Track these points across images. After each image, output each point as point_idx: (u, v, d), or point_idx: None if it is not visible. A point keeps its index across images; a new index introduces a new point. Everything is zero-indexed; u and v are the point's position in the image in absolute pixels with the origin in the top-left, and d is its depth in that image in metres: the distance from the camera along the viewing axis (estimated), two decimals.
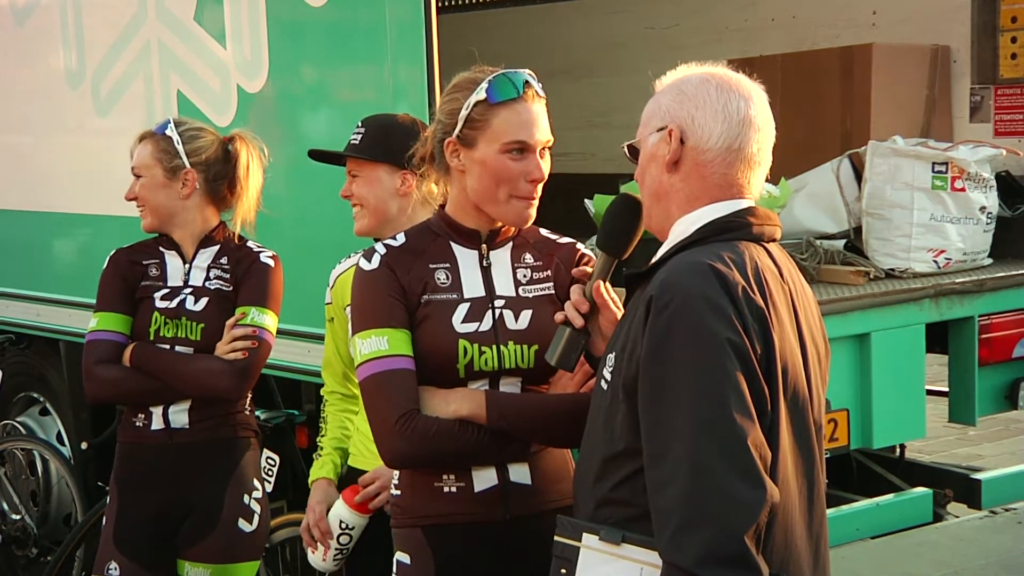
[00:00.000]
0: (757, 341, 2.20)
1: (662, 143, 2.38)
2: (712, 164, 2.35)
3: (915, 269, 5.22)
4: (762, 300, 2.24)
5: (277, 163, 5.22)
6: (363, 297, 2.79)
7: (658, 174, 2.40)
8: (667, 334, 2.19)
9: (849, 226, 5.44)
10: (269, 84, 4.98)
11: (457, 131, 2.76)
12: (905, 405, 5.00)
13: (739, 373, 2.16)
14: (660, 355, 2.20)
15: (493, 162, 2.73)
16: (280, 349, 4.68)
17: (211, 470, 4.02)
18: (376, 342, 2.71)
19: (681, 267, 2.26)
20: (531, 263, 2.88)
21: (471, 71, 2.83)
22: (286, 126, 5.06)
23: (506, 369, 2.77)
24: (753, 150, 2.37)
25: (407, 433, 2.65)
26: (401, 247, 2.83)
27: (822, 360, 2.45)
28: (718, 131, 2.34)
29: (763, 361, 2.21)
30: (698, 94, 2.36)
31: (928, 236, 5.26)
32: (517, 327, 2.79)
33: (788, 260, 2.46)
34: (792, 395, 2.28)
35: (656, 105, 2.43)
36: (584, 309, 2.60)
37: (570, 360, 2.62)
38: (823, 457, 2.42)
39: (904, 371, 4.97)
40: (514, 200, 2.75)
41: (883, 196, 5.30)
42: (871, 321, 4.89)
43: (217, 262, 4.04)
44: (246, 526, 4.05)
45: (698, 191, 2.37)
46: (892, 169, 5.30)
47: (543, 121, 2.77)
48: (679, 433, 2.15)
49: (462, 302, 2.78)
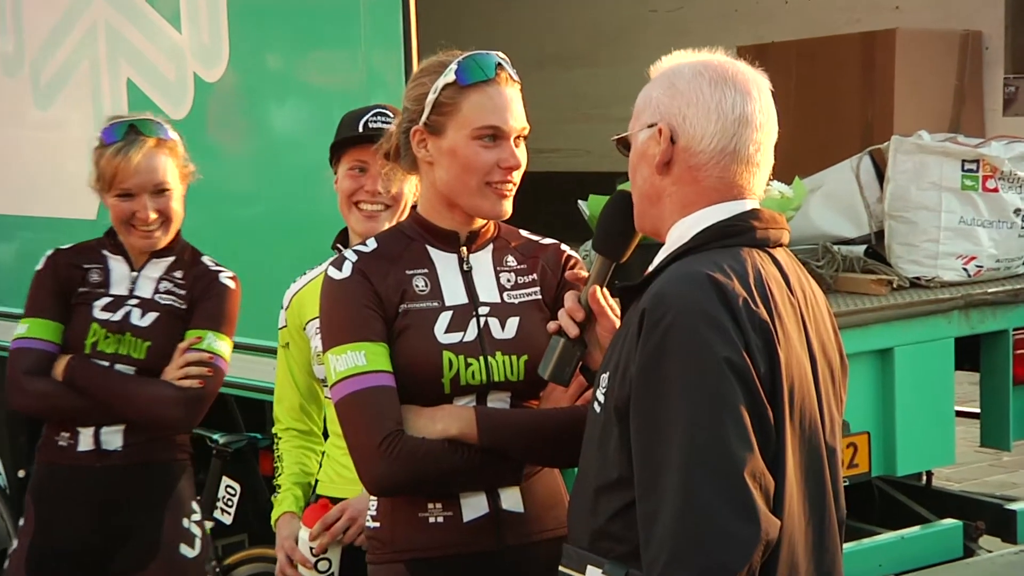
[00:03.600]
0: (760, 359, 2.21)
1: (652, 141, 2.39)
2: (706, 167, 2.36)
3: (943, 278, 5.25)
4: (766, 313, 2.25)
5: (240, 160, 5.24)
6: (335, 309, 2.80)
7: (649, 175, 2.41)
8: (660, 352, 2.20)
9: (870, 230, 5.48)
10: (230, 72, 5.01)
11: (424, 118, 2.79)
12: (932, 428, 5.04)
13: (738, 395, 2.17)
14: (653, 376, 2.21)
15: (463, 150, 2.75)
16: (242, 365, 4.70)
17: (148, 495, 4.04)
18: (352, 358, 2.72)
19: (676, 278, 2.27)
20: (514, 266, 2.91)
21: (439, 54, 2.87)
22: (249, 118, 5.09)
23: (494, 382, 2.80)
24: (750, 151, 2.37)
25: (392, 456, 2.67)
26: (374, 253, 2.84)
27: (837, 378, 2.47)
28: (711, 131, 2.34)
29: (766, 381, 2.22)
30: (690, 89, 2.37)
31: (957, 241, 5.30)
32: (504, 336, 2.82)
33: (798, 267, 2.48)
34: (800, 417, 2.29)
35: (647, 97, 2.44)
36: (579, 318, 2.62)
37: (564, 374, 2.64)
38: (839, 485, 2.44)
39: (931, 390, 5.01)
40: (487, 190, 2.78)
41: (907, 197, 5.34)
42: (894, 335, 4.92)
43: (170, 275, 4.05)
44: (188, 551, 4.08)
45: (692, 195, 2.38)
46: (918, 167, 5.33)
47: (517, 107, 2.80)
48: (670, 462, 2.17)
49: (444, 310, 2.80)
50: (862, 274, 5.22)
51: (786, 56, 6.38)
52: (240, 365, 4.24)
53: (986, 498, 5.81)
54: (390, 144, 2.93)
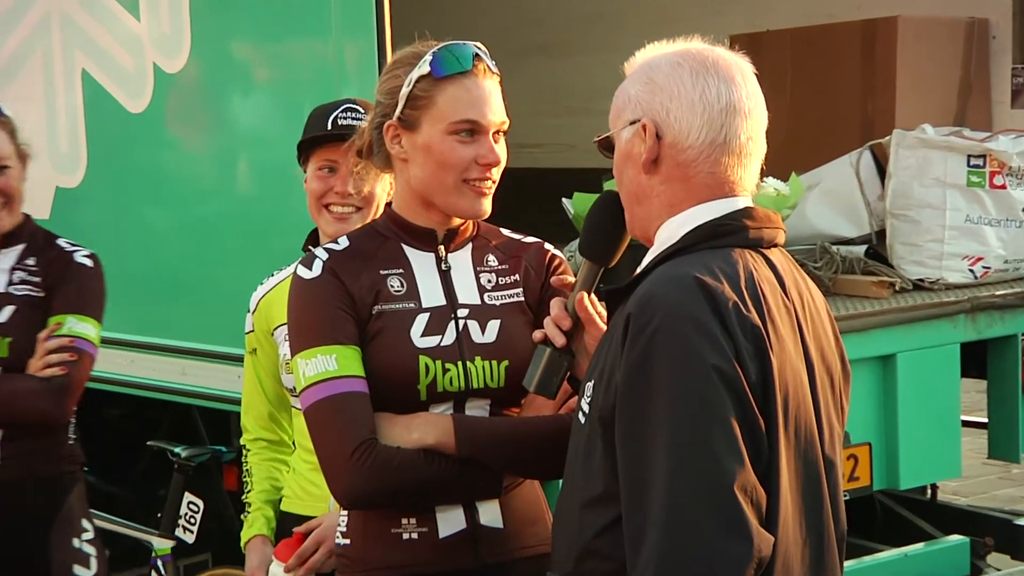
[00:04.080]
0: (751, 366, 2.21)
1: (636, 139, 2.38)
2: (695, 163, 2.35)
3: (948, 279, 5.28)
4: (758, 318, 2.25)
5: (203, 155, 5.24)
6: (305, 310, 2.78)
7: (635, 175, 2.40)
8: (646, 359, 2.20)
9: (871, 229, 5.50)
10: (191, 63, 5.01)
11: (398, 112, 2.79)
12: (937, 439, 5.05)
13: (727, 404, 2.17)
14: (638, 384, 2.21)
15: (439, 145, 2.75)
16: (205, 374, 4.70)
17: (33, 512, 3.95)
18: (323, 362, 2.71)
19: (663, 280, 2.27)
20: (495, 266, 2.90)
21: (414, 45, 2.87)
22: (212, 112, 5.08)
23: (473, 389, 2.78)
24: (741, 141, 2.36)
25: (366, 466, 2.65)
26: (346, 251, 2.83)
27: (837, 385, 2.46)
28: (697, 124, 2.34)
29: (758, 389, 2.21)
30: (670, 82, 2.36)
31: (963, 241, 5.33)
32: (484, 340, 2.80)
33: (794, 269, 2.48)
34: (795, 427, 2.29)
35: (626, 93, 2.43)
36: (566, 326, 2.61)
37: (551, 385, 2.62)
38: (838, 499, 2.44)
39: (936, 399, 5.02)
40: (465, 188, 2.77)
41: (910, 194, 5.36)
42: (896, 340, 4.94)
43: (23, 263, 3.98)
44: (84, 572, 4.02)
45: (682, 193, 2.37)
46: (921, 163, 5.35)
47: (496, 100, 2.79)
48: (656, 475, 2.17)
49: (420, 312, 2.79)
50: (862, 276, 5.23)
51: (782, 45, 6.39)
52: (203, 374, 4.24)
53: (994, 513, 5.83)
54: (363, 141, 2.94)
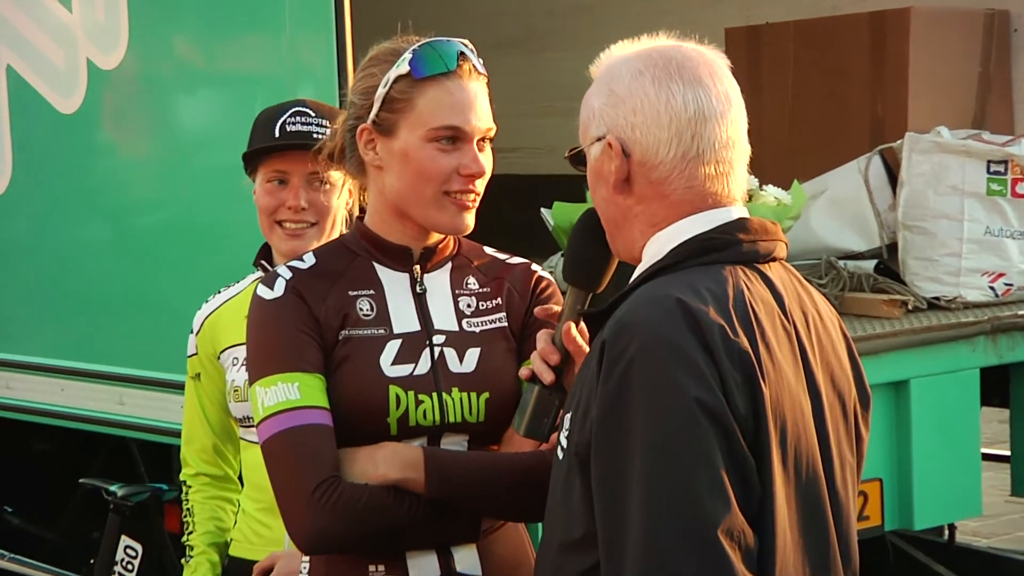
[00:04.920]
0: (739, 397, 2.20)
1: (604, 156, 2.39)
2: (669, 180, 2.36)
3: (966, 298, 5.29)
4: (748, 342, 2.24)
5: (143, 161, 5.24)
6: (265, 334, 2.78)
7: (609, 196, 2.41)
8: (621, 391, 2.20)
9: (881, 242, 5.51)
10: (130, 58, 5.00)
11: (373, 115, 2.79)
12: (955, 474, 5.06)
13: (711, 440, 2.17)
14: (612, 418, 2.20)
15: (417, 153, 2.75)
16: (144, 404, 4.69)
17: None
18: (284, 390, 2.71)
19: (641, 303, 2.27)
20: (476, 289, 2.90)
21: (393, 40, 2.86)
22: (153, 112, 5.08)
23: (449, 423, 2.79)
24: (716, 149, 2.37)
25: (328, 506, 2.64)
26: (311, 270, 2.83)
27: (851, 412, 2.46)
28: (666, 138, 2.34)
29: (747, 423, 2.21)
30: (632, 94, 2.37)
31: (983, 255, 5.35)
32: (462, 370, 2.81)
33: (798, 284, 2.47)
34: (795, 462, 2.29)
35: (589, 107, 2.44)
36: (554, 361, 2.60)
37: (542, 427, 2.61)
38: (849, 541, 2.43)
39: (953, 429, 5.04)
40: (445, 201, 2.77)
41: (925, 204, 5.38)
42: (910, 365, 4.96)
43: None
44: None
45: (661, 213, 2.38)
46: (936, 169, 5.37)
47: (482, 104, 2.80)
48: (633, 519, 2.17)
49: (392, 338, 2.79)
50: (872, 294, 5.25)
51: (782, 39, 6.41)
52: (142, 403, 4.23)
53: (1018, 556, 5.86)
54: (334, 143, 2.94)
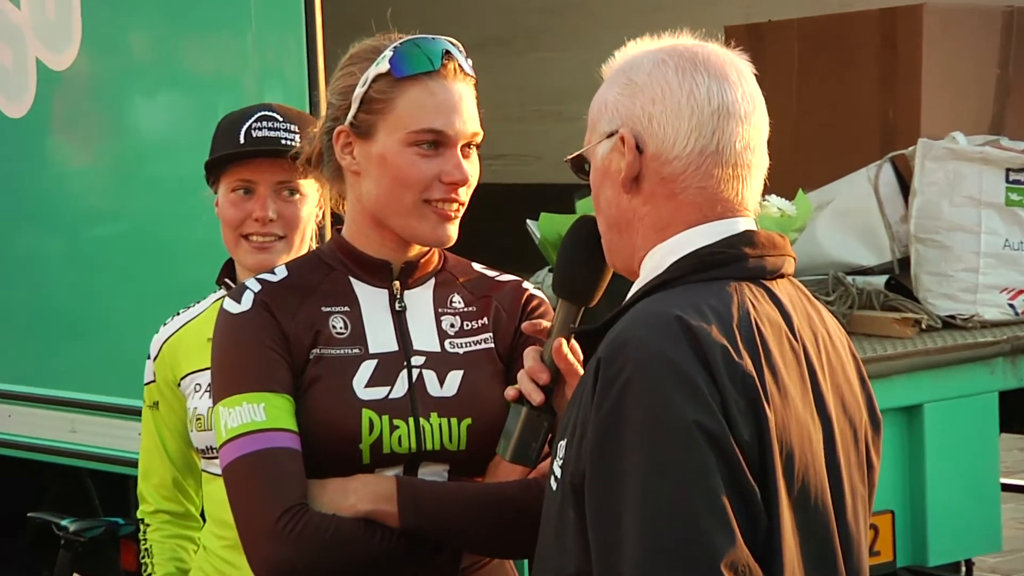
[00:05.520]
0: (742, 423, 2.20)
1: (615, 154, 2.38)
2: (682, 176, 2.35)
3: (984, 316, 5.31)
4: (752, 365, 2.24)
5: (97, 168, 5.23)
6: (230, 351, 2.78)
7: (615, 196, 2.40)
8: (616, 415, 2.19)
9: (892, 256, 5.52)
10: (82, 58, 4.98)
11: (350, 116, 2.79)
12: (972, 505, 5.08)
13: (712, 469, 2.16)
14: (607, 445, 2.20)
15: (396, 158, 2.75)
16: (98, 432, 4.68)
17: None
18: (249, 411, 2.70)
19: (639, 321, 2.26)
20: (461, 308, 2.90)
21: (374, 38, 2.86)
22: (108, 117, 5.07)
23: (427, 452, 2.77)
24: (737, 149, 2.36)
25: (293, 536, 2.63)
26: (282, 283, 2.83)
27: (862, 440, 2.45)
28: (684, 130, 2.34)
29: (751, 449, 2.20)
30: (653, 83, 2.36)
31: (1001, 270, 5.37)
32: (443, 394, 2.79)
33: (807, 303, 2.47)
34: (801, 492, 2.28)
35: (602, 102, 2.43)
36: (544, 380, 2.58)
37: (530, 451, 2.59)
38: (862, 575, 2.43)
39: (970, 458, 5.06)
40: (426, 210, 2.76)
41: (939, 215, 5.39)
42: (923, 388, 4.97)
43: None
44: None
45: (669, 215, 2.37)
46: (951, 178, 5.39)
47: (468, 106, 2.79)
48: (630, 555, 2.16)
49: (367, 359, 2.78)
50: (882, 312, 5.25)
51: (786, 38, 6.42)
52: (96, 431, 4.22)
53: None
54: (312, 148, 2.94)
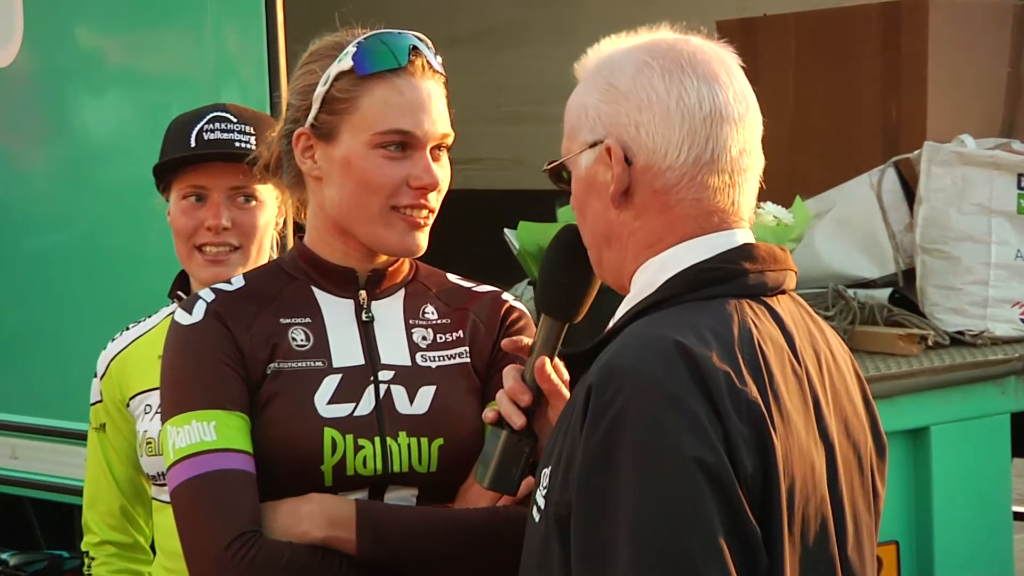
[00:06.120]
0: (747, 456, 2.20)
1: (599, 165, 2.39)
2: (676, 188, 2.35)
3: (994, 332, 5.31)
4: (757, 391, 2.25)
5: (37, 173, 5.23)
6: (180, 365, 2.79)
7: (602, 211, 2.40)
8: (608, 447, 2.19)
9: (896, 268, 5.53)
10: (25, 54, 4.99)
11: (311, 117, 2.81)
12: (982, 536, 5.08)
13: (711, 507, 2.16)
14: (597, 477, 2.20)
15: (361, 162, 2.77)
16: (41, 457, 4.67)
17: None
18: (198, 430, 2.71)
19: (634, 345, 2.27)
20: (434, 320, 2.91)
21: (336, 34, 2.86)
22: (52, 118, 5.07)
23: (394, 474, 2.78)
24: (733, 155, 2.37)
25: (244, 565, 2.63)
26: (238, 292, 2.85)
27: (867, 466, 2.47)
28: (676, 139, 2.34)
29: (754, 485, 2.21)
30: (637, 88, 2.36)
31: (1013, 283, 5.37)
32: (412, 411, 2.80)
33: (809, 320, 2.47)
34: (802, 527, 2.29)
35: (580, 107, 2.43)
36: (525, 402, 2.59)
37: (510, 478, 2.60)
38: None
39: (980, 484, 5.05)
40: (393, 217, 2.78)
41: (946, 224, 5.39)
42: (930, 410, 4.98)
43: None
44: None
45: (662, 229, 2.38)
46: (959, 184, 5.39)
47: (438, 106, 2.81)
48: None
49: (330, 373, 2.79)
50: (886, 327, 5.26)
51: (782, 33, 6.41)
52: (39, 456, 4.20)
53: None
54: (270, 153, 2.94)
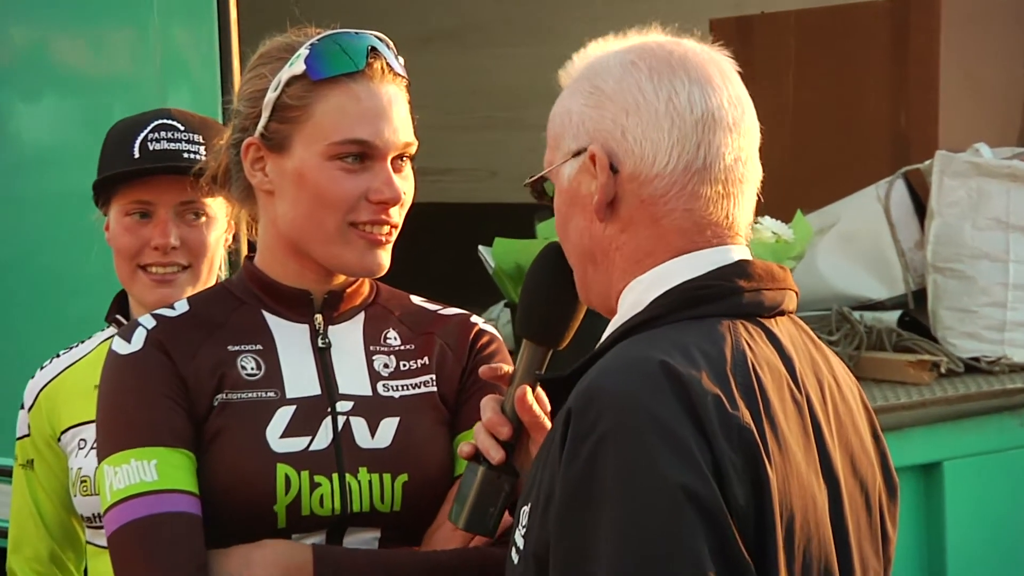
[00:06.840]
0: (738, 485, 2.21)
1: (583, 175, 2.40)
2: (666, 198, 2.36)
3: (1012, 358, 5.32)
4: (750, 417, 2.25)
5: None
6: (118, 398, 2.78)
7: (587, 224, 2.42)
8: (588, 474, 2.20)
9: (906, 289, 5.53)
10: None
11: (261, 126, 2.80)
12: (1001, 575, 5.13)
13: (700, 540, 2.17)
14: (577, 509, 2.21)
15: (315, 174, 2.76)
16: None
17: None
18: (138, 469, 2.71)
19: (617, 366, 2.28)
20: (396, 346, 2.92)
21: (287, 35, 2.84)
22: None
23: (354, 514, 2.78)
24: (727, 163, 2.38)
25: None
26: (181, 319, 2.84)
27: (875, 504, 2.48)
28: (665, 145, 2.35)
29: (747, 517, 2.22)
30: (624, 90, 2.38)
31: None
32: (373, 445, 2.81)
33: (811, 345, 2.47)
34: (803, 566, 2.30)
35: (564, 114, 2.45)
36: (504, 435, 2.60)
37: (487, 517, 2.61)
38: None
39: (997, 523, 5.07)
40: (352, 234, 2.77)
41: (960, 240, 5.40)
42: (943, 443, 4.99)
43: None
44: None
45: (651, 244, 2.39)
46: (974, 197, 5.39)
47: (399, 112, 2.81)
48: None
49: (283, 404, 2.79)
50: (895, 353, 5.26)
51: (782, 32, 6.43)
52: None
53: None
54: (217, 163, 2.92)
